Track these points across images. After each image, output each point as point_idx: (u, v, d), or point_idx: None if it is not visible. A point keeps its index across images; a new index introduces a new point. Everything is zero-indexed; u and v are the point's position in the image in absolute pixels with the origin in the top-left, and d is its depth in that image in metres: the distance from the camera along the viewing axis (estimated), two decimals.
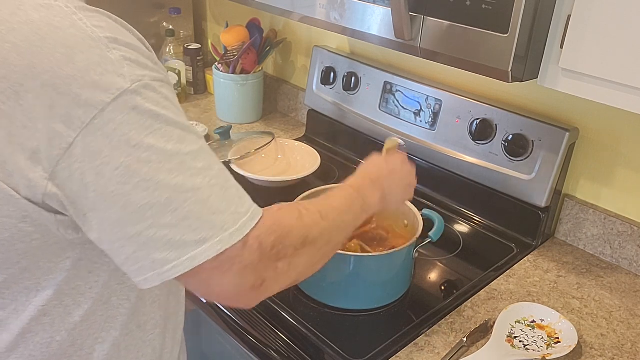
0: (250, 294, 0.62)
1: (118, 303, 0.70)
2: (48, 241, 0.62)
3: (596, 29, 0.79)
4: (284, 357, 0.93)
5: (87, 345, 0.70)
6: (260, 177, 1.35)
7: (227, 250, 0.58)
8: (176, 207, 0.56)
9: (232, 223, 0.58)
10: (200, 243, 0.57)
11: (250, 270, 0.60)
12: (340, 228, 0.74)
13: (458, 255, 1.19)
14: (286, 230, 0.64)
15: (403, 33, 0.93)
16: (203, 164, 0.59)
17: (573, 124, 1.17)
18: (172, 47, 1.83)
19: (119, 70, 0.55)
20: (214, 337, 1.13)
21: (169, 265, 0.57)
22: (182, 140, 0.57)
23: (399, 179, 0.90)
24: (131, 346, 0.74)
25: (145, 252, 0.57)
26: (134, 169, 0.54)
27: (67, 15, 0.55)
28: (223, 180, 0.60)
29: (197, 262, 0.57)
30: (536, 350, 0.92)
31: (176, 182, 0.56)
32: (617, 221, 1.15)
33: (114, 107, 0.54)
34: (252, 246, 0.60)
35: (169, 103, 0.58)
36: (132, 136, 0.54)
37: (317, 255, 0.70)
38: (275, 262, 0.62)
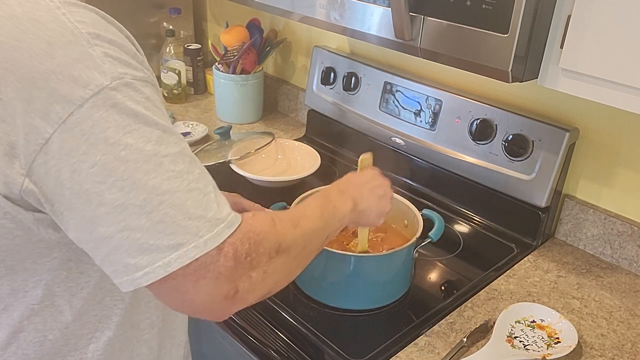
0: (223, 304, 0.60)
1: (112, 303, 0.70)
2: (31, 239, 0.61)
3: (596, 29, 0.79)
4: (284, 357, 0.93)
5: (81, 344, 0.69)
6: (260, 177, 1.35)
7: (201, 258, 0.56)
8: (151, 210, 0.54)
9: (208, 229, 0.56)
10: (174, 248, 0.55)
11: (224, 279, 0.58)
12: (313, 236, 0.73)
13: (458, 255, 1.19)
14: (260, 237, 0.61)
15: (403, 33, 0.93)
16: (182, 167, 0.57)
17: (573, 124, 1.17)
18: (172, 47, 1.83)
19: (99, 67, 0.54)
20: (214, 337, 1.12)
21: (141, 271, 0.55)
22: (162, 142, 0.56)
23: (370, 190, 0.89)
24: (126, 345, 0.73)
25: (118, 256, 0.55)
26: (111, 167, 0.53)
27: (50, 10, 0.54)
28: (202, 185, 0.58)
29: (171, 268, 0.55)
30: (536, 350, 0.92)
31: (153, 183, 0.54)
32: (617, 221, 1.15)
33: (93, 103, 0.53)
34: (227, 254, 0.58)
35: (150, 103, 0.57)
36: (110, 134, 0.53)
37: (291, 263, 0.68)
38: (249, 271, 0.60)
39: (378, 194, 0.90)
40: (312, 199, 0.80)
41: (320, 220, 0.75)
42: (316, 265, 1.01)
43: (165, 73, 1.81)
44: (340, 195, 0.83)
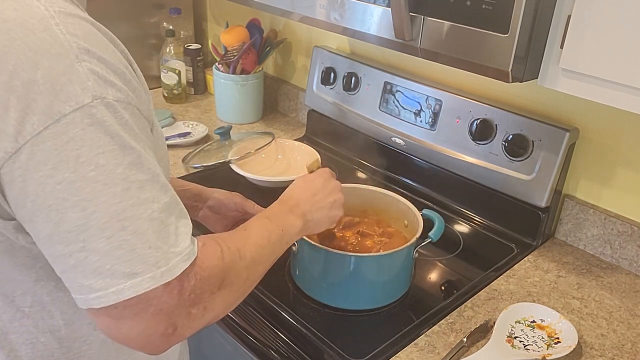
0: (160, 340, 0.59)
1: None
2: (14, 246, 0.60)
3: (596, 29, 0.79)
4: (284, 357, 0.93)
5: (75, 347, 0.69)
6: (260, 177, 1.35)
7: (146, 292, 0.55)
8: (111, 234, 0.53)
9: (165, 262, 0.56)
10: (130, 277, 0.54)
11: (163, 316, 0.57)
12: (258, 264, 0.71)
13: (458, 255, 1.19)
14: (206, 273, 0.61)
15: (403, 33, 0.93)
16: (148, 195, 0.56)
17: (573, 124, 1.17)
18: (172, 47, 1.83)
19: (83, 84, 0.53)
20: (214, 337, 1.12)
21: (94, 294, 0.55)
22: (133, 167, 0.55)
23: (321, 199, 0.87)
24: (122, 349, 0.73)
25: (73, 275, 0.55)
26: (77, 186, 0.52)
27: (43, 19, 0.53)
28: (165, 215, 0.57)
29: (123, 296, 0.54)
30: (536, 350, 0.92)
31: (116, 208, 0.54)
32: (617, 221, 1.15)
33: (70, 119, 0.52)
34: (173, 290, 0.57)
35: (127, 127, 0.56)
36: (82, 152, 0.52)
37: (233, 296, 0.67)
38: (189, 307, 0.59)
39: (328, 202, 0.88)
40: (258, 222, 0.77)
41: (266, 248, 0.73)
42: (316, 265, 1.02)
43: (165, 73, 1.81)
44: (289, 215, 0.81)
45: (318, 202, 0.86)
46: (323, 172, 0.92)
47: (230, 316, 1.02)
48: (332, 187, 0.90)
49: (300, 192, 0.87)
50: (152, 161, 0.58)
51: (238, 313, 1.01)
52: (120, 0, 1.79)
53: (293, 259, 1.06)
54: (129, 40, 0.64)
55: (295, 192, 0.87)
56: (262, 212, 0.81)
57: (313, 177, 0.91)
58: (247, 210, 0.99)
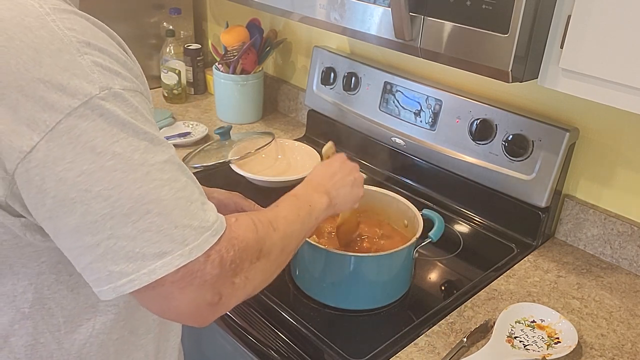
0: (207, 310, 0.60)
1: (105, 309, 0.69)
2: (19, 243, 0.61)
3: (596, 29, 0.79)
4: (284, 357, 0.93)
5: (74, 349, 0.69)
6: (260, 177, 1.35)
7: (188, 265, 0.56)
8: (137, 219, 0.54)
9: (194, 238, 0.57)
10: (160, 257, 0.55)
11: (209, 286, 0.59)
12: (291, 237, 0.73)
13: (458, 255, 1.19)
14: (243, 244, 0.62)
15: (403, 33, 0.93)
16: (169, 176, 0.57)
17: (573, 124, 1.17)
18: (172, 47, 1.83)
19: (88, 76, 0.53)
20: (214, 337, 1.12)
21: (125, 278, 0.55)
22: (149, 151, 0.56)
23: (341, 179, 0.90)
24: (121, 350, 0.73)
25: (102, 264, 0.55)
26: (97, 176, 0.53)
27: (39, 16, 0.54)
28: (189, 192, 0.58)
29: (155, 276, 0.55)
30: (536, 350, 0.92)
31: (139, 192, 0.54)
32: (617, 221, 1.15)
33: (81, 112, 0.52)
34: (214, 261, 0.58)
35: (138, 113, 0.57)
36: (97, 143, 0.53)
37: (272, 266, 0.69)
38: (233, 277, 0.61)
39: (349, 180, 0.91)
40: (286, 200, 0.79)
41: (297, 222, 0.76)
42: (316, 265, 1.02)
43: (165, 73, 1.81)
44: (314, 193, 0.84)
45: (339, 181, 0.89)
46: (339, 156, 0.95)
47: (230, 316, 1.02)
48: (350, 167, 0.93)
49: (320, 174, 0.90)
50: (165, 142, 0.59)
51: (238, 313, 1.01)
52: (120, 0, 1.79)
53: (293, 259, 1.06)
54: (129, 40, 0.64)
55: (316, 175, 0.90)
56: (287, 193, 0.82)
57: (330, 161, 0.94)
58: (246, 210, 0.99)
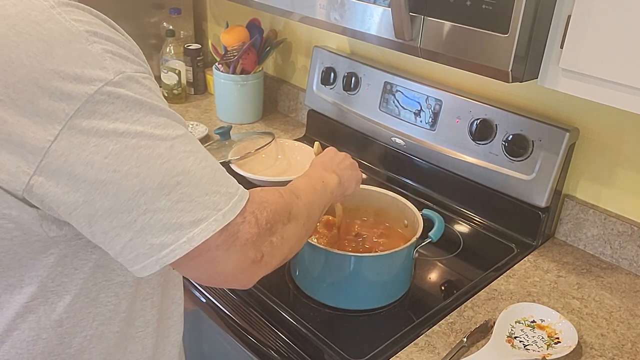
0: (252, 269, 0.64)
1: (106, 300, 0.70)
2: (29, 239, 0.61)
3: (596, 29, 0.79)
4: (284, 357, 0.93)
5: (76, 342, 0.69)
6: (260, 177, 1.35)
7: (228, 227, 0.59)
8: (169, 191, 0.57)
9: (224, 203, 0.60)
10: (196, 224, 0.58)
11: (250, 245, 0.62)
12: (313, 206, 0.79)
13: (458, 255, 1.19)
14: (274, 206, 0.67)
15: (403, 33, 0.93)
16: (191, 147, 0.60)
17: (573, 124, 1.17)
18: (172, 47, 1.83)
19: (100, 63, 0.55)
20: (214, 337, 1.12)
21: (166, 249, 0.58)
22: (168, 126, 0.58)
23: (340, 162, 0.96)
24: (120, 343, 0.74)
25: (142, 239, 0.57)
26: (124, 155, 0.55)
27: (45, 10, 0.55)
28: (212, 161, 0.62)
29: (195, 243, 0.58)
30: (536, 350, 0.92)
31: (167, 166, 0.57)
32: (617, 221, 1.15)
33: (98, 98, 0.54)
34: (250, 221, 0.62)
35: (153, 93, 0.59)
36: (119, 125, 0.55)
37: (302, 230, 0.73)
38: (270, 236, 0.65)
39: (347, 164, 0.97)
40: (300, 179, 0.85)
41: (314, 194, 0.81)
42: (316, 265, 1.02)
43: (165, 73, 1.81)
44: (325, 172, 0.90)
45: (339, 163, 0.95)
46: (329, 149, 1.01)
47: (230, 316, 1.02)
48: (343, 155, 0.99)
49: (321, 160, 0.96)
50: (180, 117, 0.62)
51: (238, 313, 1.01)
52: (120, 0, 1.79)
53: (293, 258, 1.06)
54: None
55: (319, 162, 0.95)
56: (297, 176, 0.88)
57: (324, 152, 1.00)
58: None
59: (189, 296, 1.10)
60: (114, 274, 0.69)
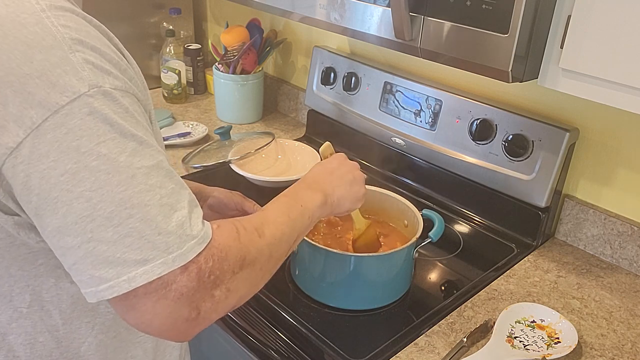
0: (185, 326, 0.57)
1: (106, 310, 0.69)
2: (14, 242, 0.60)
3: (596, 29, 0.79)
4: (284, 357, 0.93)
5: (73, 347, 0.69)
6: (260, 177, 1.35)
7: (164, 276, 0.54)
8: (119, 223, 0.53)
9: (178, 246, 0.55)
10: (141, 264, 0.54)
11: (185, 300, 0.56)
12: (280, 242, 0.69)
13: (458, 255, 1.19)
14: (223, 254, 0.59)
15: (403, 33, 0.93)
16: (154, 181, 0.55)
17: (573, 124, 1.17)
18: (172, 47, 1.83)
19: (78, 73, 0.53)
20: (214, 337, 1.12)
21: (105, 284, 0.54)
22: (136, 154, 0.55)
23: (339, 177, 0.86)
24: (120, 348, 0.73)
25: (84, 267, 0.54)
26: (81, 177, 0.52)
27: (34, 13, 0.54)
28: (175, 200, 0.56)
29: (135, 284, 0.54)
30: (536, 350, 0.92)
31: (122, 196, 0.53)
32: (617, 221, 1.15)
33: (68, 110, 0.52)
34: (191, 273, 0.56)
35: (128, 114, 0.56)
36: (83, 142, 0.52)
37: (257, 275, 0.65)
38: (212, 290, 0.58)
39: (348, 180, 0.87)
40: (278, 200, 0.76)
41: (287, 225, 0.71)
42: (316, 265, 1.02)
43: (165, 73, 1.81)
44: (308, 191, 0.80)
45: (336, 179, 0.85)
46: (338, 155, 0.92)
47: (230, 316, 1.02)
48: (350, 166, 0.89)
49: (316, 172, 0.86)
50: (155, 147, 0.57)
51: (238, 313, 1.01)
52: (120, 0, 1.79)
53: (293, 259, 1.06)
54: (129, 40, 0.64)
55: (312, 173, 0.86)
56: (279, 194, 0.78)
57: (328, 159, 0.91)
58: (246, 209, 0.98)
59: None
60: None
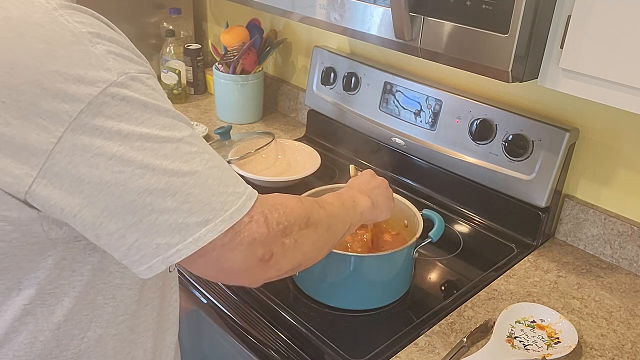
0: (259, 267, 0.63)
1: (103, 302, 0.70)
2: (29, 240, 0.61)
3: (596, 29, 0.79)
4: (284, 357, 0.93)
5: (73, 345, 0.69)
6: (260, 177, 1.35)
7: (234, 226, 0.59)
8: (175, 191, 0.56)
9: (232, 203, 0.60)
10: (203, 224, 0.58)
11: (258, 243, 0.61)
12: (337, 219, 0.77)
13: (458, 255, 1.19)
14: (289, 209, 0.66)
15: (403, 33, 0.93)
16: (197, 148, 0.59)
17: (573, 124, 1.17)
18: (172, 47, 1.83)
19: (104, 64, 0.55)
20: (214, 337, 1.13)
21: (173, 249, 0.57)
22: (174, 127, 0.58)
23: (376, 187, 0.94)
24: (120, 347, 0.73)
25: (148, 239, 0.57)
26: (129, 157, 0.55)
27: (47, 12, 0.55)
28: (218, 162, 0.61)
29: (202, 243, 0.58)
30: (536, 350, 0.92)
31: (172, 167, 0.56)
32: (617, 221, 1.15)
33: (102, 99, 0.54)
34: (259, 220, 0.61)
35: (157, 94, 0.59)
36: (122, 126, 0.55)
37: (320, 239, 0.72)
38: (282, 237, 0.64)
39: (383, 190, 0.95)
40: (330, 195, 0.83)
41: (342, 208, 0.79)
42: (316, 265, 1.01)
43: (165, 73, 1.81)
44: (357, 194, 0.89)
45: (376, 189, 0.94)
46: (368, 171, 1.00)
47: (230, 316, 1.02)
48: (380, 180, 0.98)
49: (357, 183, 0.94)
50: (185, 118, 0.62)
51: (238, 313, 1.01)
52: (120, 0, 1.79)
53: None
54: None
55: (354, 183, 0.94)
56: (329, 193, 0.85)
57: (362, 175, 0.99)
58: None
59: (189, 296, 1.10)
60: (112, 277, 0.69)
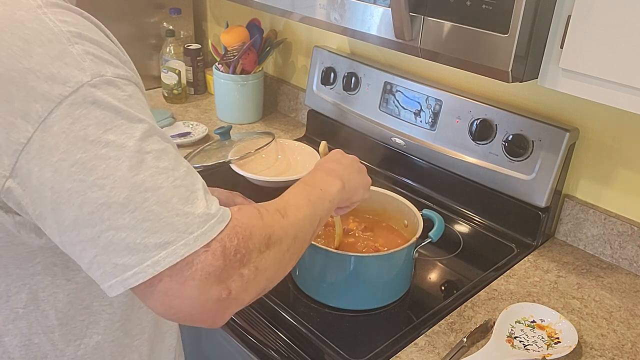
0: (216, 307, 0.56)
1: (100, 308, 0.69)
2: (13, 241, 0.60)
3: (596, 29, 0.79)
4: (284, 357, 0.93)
5: (69, 350, 0.69)
6: (260, 177, 1.35)
7: (188, 257, 0.53)
8: (135, 208, 0.52)
9: (198, 226, 0.54)
10: (162, 247, 0.52)
11: (213, 279, 0.54)
12: (303, 223, 0.69)
13: (458, 255, 1.19)
14: (248, 232, 0.58)
15: (403, 33, 0.93)
16: (166, 164, 0.55)
17: (573, 124, 1.17)
18: (172, 47, 1.83)
19: (79, 64, 0.53)
20: (214, 337, 1.13)
21: (130, 271, 0.53)
22: (145, 138, 0.54)
23: (347, 166, 0.87)
24: (116, 353, 0.73)
25: (106, 257, 0.53)
26: (91, 165, 0.52)
27: (31, 9, 0.54)
28: (189, 182, 0.56)
29: (160, 267, 0.52)
30: (536, 350, 0.92)
31: (134, 180, 0.52)
32: (617, 221, 1.15)
33: (72, 100, 0.52)
34: (215, 252, 0.54)
35: (133, 101, 0.55)
36: (90, 131, 0.52)
37: (284, 255, 0.64)
38: (239, 268, 0.57)
39: (356, 168, 0.89)
40: (296, 187, 0.76)
41: (308, 207, 0.71)
42: (316, 265, 1.02)
43: (165, 73, 1.81)
44: (325, 177, 0.81)
45: (346, 167, 0.86)
46: (337, 150, 0.94)
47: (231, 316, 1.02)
48: (351, 158, 0.91)
49: (327, 162, 0.87)
50: (162, 132, 0.57)
51: (238, 313, 1.01)
52: (120, 0, 1.79)
53: None
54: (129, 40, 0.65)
55: (323, 163, 0.87)
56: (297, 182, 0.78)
57: (331, 153, 0.92)
58: None
59: None
60: None
